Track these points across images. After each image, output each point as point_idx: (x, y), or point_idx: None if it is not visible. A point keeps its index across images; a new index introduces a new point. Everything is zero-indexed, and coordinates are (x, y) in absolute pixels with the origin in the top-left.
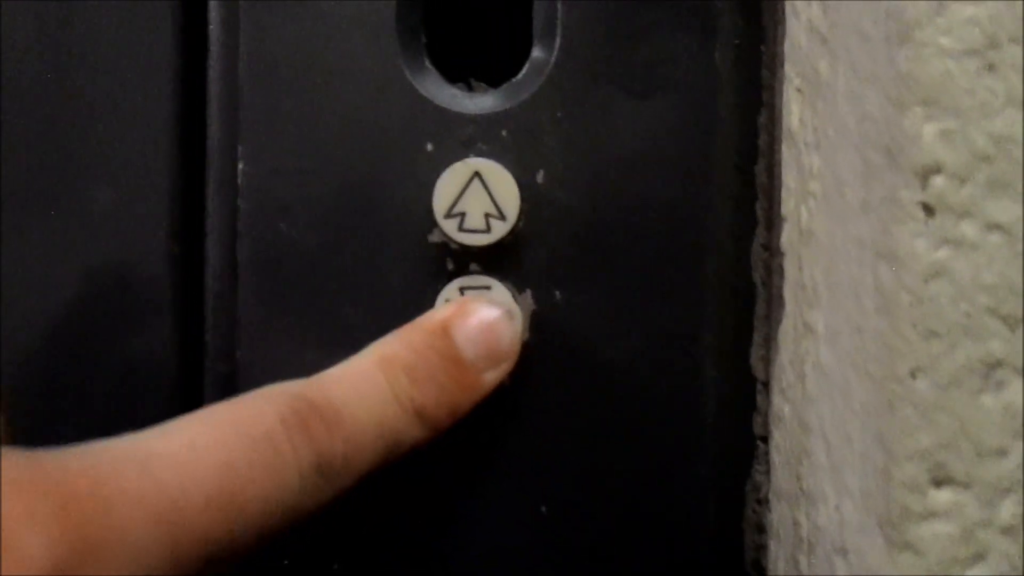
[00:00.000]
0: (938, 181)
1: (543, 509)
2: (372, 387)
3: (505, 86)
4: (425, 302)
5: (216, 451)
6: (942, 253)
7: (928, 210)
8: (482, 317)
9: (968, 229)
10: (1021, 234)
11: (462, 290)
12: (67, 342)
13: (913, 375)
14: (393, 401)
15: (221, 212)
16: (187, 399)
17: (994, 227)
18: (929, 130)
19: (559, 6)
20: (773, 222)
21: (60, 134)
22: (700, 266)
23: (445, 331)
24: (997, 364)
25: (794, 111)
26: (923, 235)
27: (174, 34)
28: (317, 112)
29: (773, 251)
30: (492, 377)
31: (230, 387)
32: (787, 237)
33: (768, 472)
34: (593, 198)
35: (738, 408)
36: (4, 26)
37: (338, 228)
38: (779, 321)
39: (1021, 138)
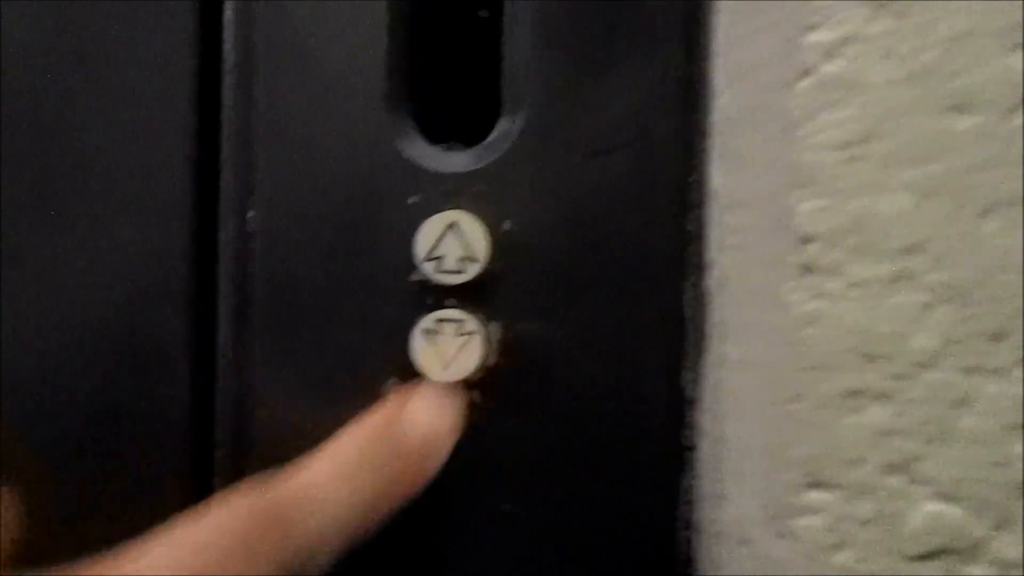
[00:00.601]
0: (813, 248)
1: (506, 507)
2: (330, 485)
3: (477, 147)
4: (408, 330)
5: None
6: (816, 304)
7: (806, 270)
8: (421, 409)
9: (835, 285)
10: (876, 290)
11: (439, 321)
12: (84, 371)
13: (793, 400)
14: (348, 496)
15: (233, 250)
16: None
17: (855, 284)
18: (806, 207)
19: (524, 81)
20: (702, 268)
21: (78, 186)
22: (641, 303)
23: (389, 425)
24: (857, 392)
25: (716, 176)
26: (802, 290)
27: (192, 98)
28: (318, 168)
29: (700, 292)
30: (437, 460)
31: (242, 407)
32: (711, 281)
33: (695, 477)
34: (552, 244)
35: (672, 422)
36: (28, 65)
37: (335, 267)
38: (704, 351)
39: (875, 215)
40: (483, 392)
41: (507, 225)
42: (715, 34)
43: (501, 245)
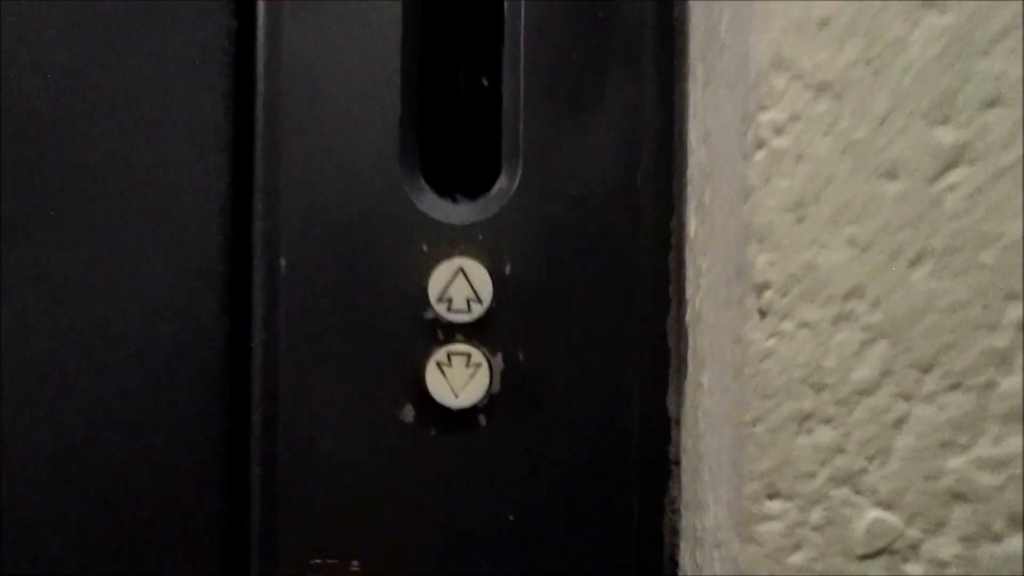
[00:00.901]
0: (768, 294)
1: (511, 517)
2: None
3: (480, 200)
4: (423, 363)
5: None
6: (771, 342)
7: (762, 313)
8: None
9: (787, 326)
10: (821, 329)
11: (450, 355)
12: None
13: (753, 423)
14: None
15: (264, 292)
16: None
17: (804, 325)
18: (761, 259)
19: (519, 141)
20: (681, 303)
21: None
22: (629, 334)
23: None
24: (808, 416)
25: (691, 223)
26: (759, 329)
27: (226, 161)
28: (340, 220)
29: (680, 325)
30: None
31: (273, 430)
32: (689, 316)
33: (679, 488)
34: (548, 285)
35: (658, 440)
36: (62, 112)
37: (357, 307)
38: (684, 377)
39: (820, 266)
40: (488, 417)
41: (508, 269)
42: (689, 100)
43: (503, 287)
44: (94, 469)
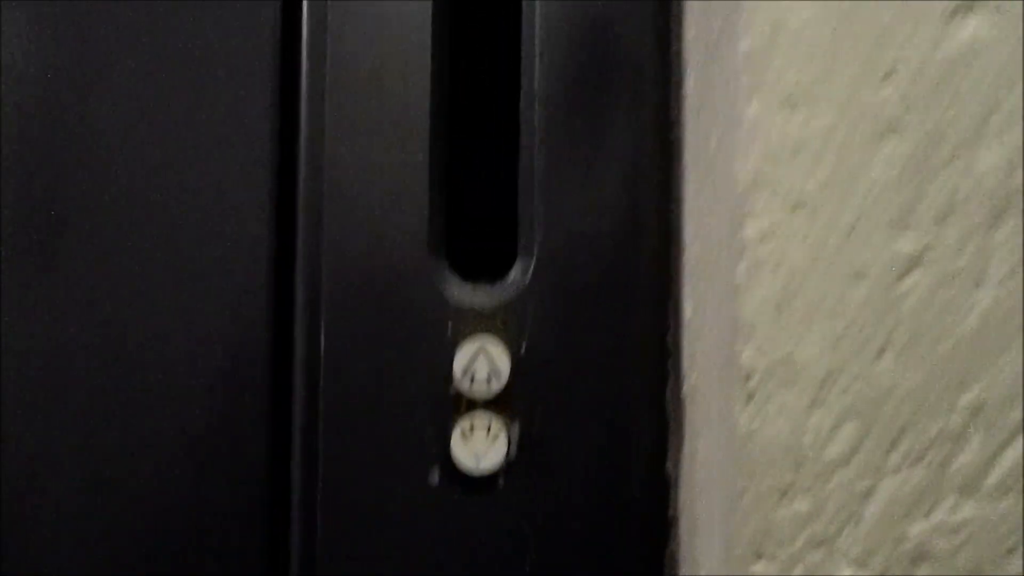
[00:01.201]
0: (752, 381)
1: (527, 569)
2: None
3: (499, 284)
4: (448, 431)
5: None
6: (755, 423)
7: (747, 398)
8: None
9: (770, 409)
10: (799, 412)
11: (473, 424)
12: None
13: (740, 493)
14: None
15: (305, 367)
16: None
17: (783, 408)
18: (747, 351)
19: (534, 233)
20: (679, 376)
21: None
22: (632, 404)
23: None
24: (788, 487)
25: (687, 308)
26: (745, 412)
27: (268, 279)
28: (377, 302)
29: (678, 396)
30: None
31: (313, 490)
32: (685, 390)
33: (677, 544)
34: (559, 361)
35: (658, 499)
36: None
37: (389, 381)
38: (682, 444)
39: (797, 357)
40: (506, 479)
41: (523, 348)
42: (684, 205)
43: (519, 363)
44: (142, 539)
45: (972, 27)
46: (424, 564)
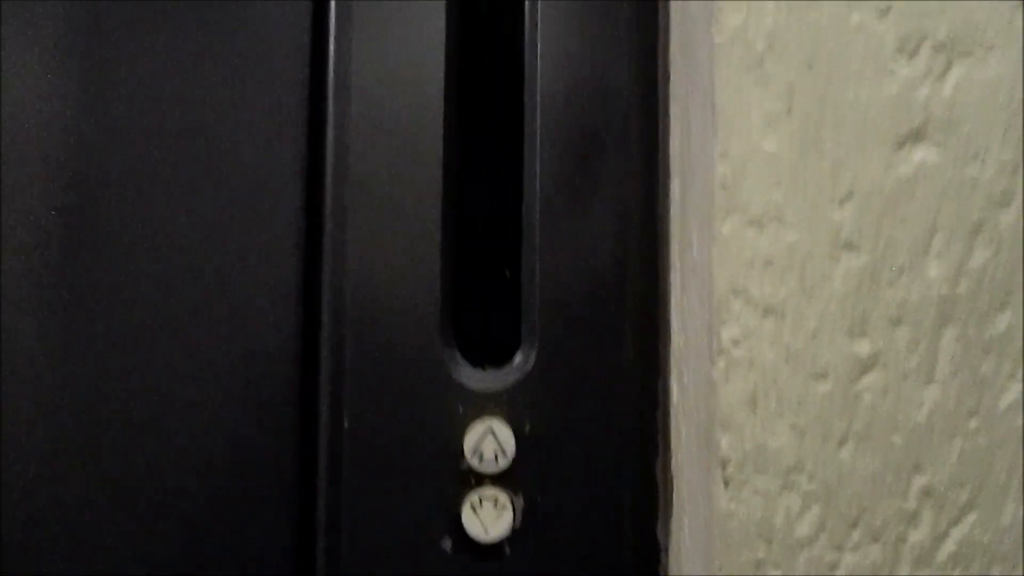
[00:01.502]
0: (730, 467)
1: None
2: None
3: (505, 369)
4: (459, 504)
5: None
6: (732, 505)
7: (725, 482)
8: None
9: (745, 493)
10: (770, 496)
11: (481, 498)
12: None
13: (720, 567)
14: None
15: (329, 452)
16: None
17: (757, 492)
18: (724, 440)
19: (535, 323)
20: (668, 449)
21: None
22: (625, 476)
23: None
24: (761, 562)
25: (675, 391)
26: (723, 495)
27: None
28: (395, 386)
29: (667, 469)
30: None
31: (335, 556)
32: (674, 465)
33: None
34: (560, 439)
35: (649, 565)
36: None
37: (405, 458)
38: (670, 515)
39: (769, 446)
40: (512, 547)
41: (527, 428)
42: (671, 307)
43: (524, 441)
44: None
45: (919, 155)
46: None
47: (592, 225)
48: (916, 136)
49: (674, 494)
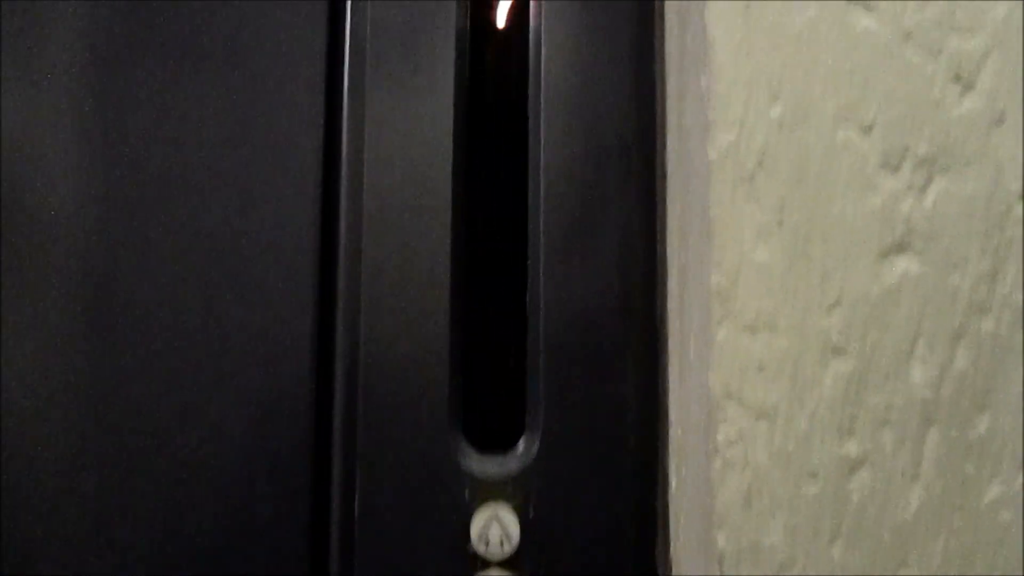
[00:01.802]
0: (725, 563)
1: None
2: None
3: (510, 455)
4: None
5: None
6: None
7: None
8: None
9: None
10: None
11: None
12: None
13: None
14: None
15: (344, 530)
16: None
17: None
18: (720, 537)
19: (538, 413)
20: (667, 534)
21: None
22: (626, 563)
23: None
24: None
25: (673, 481)
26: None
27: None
28: (406, 476)
29: (666, 558)
30: None
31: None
32: (673, 553)
33: None
34: (563, 524)
35: None
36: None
37: (419, 541)
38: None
39: (763, 543)
40: None
41: (532, 513)
42: (669, 395)
43: (529, 527)
44: None
45: (903, 264)
46: None
47: (594, 319)
48: (900, 247)
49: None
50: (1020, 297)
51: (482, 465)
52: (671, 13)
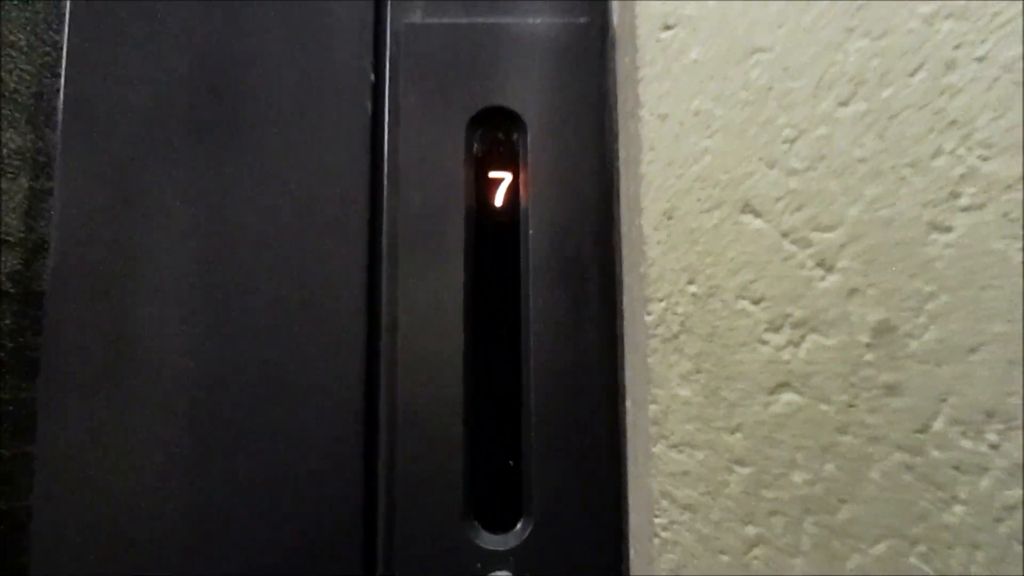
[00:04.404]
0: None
1: None
2: None
3: (512, 533)
4: None
5: None
6: None
7: None
8: None
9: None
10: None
11: None
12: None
13: None
14: None
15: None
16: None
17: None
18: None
19: (534, 498)
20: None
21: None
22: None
23: None
24: None
25: (632, 557)
26: None
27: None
28: (429, 553)
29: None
30: None
31: None
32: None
33: None
34: None
35: None
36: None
37: None
38: None
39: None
40: None
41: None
42: (625, 502)
43: None
44: None
45: (786, 398)
46: None
47: (573, 434)
48: (783, 385)
49: None
50: (873, 421)
51: (489, 541)
52: (624, 210)
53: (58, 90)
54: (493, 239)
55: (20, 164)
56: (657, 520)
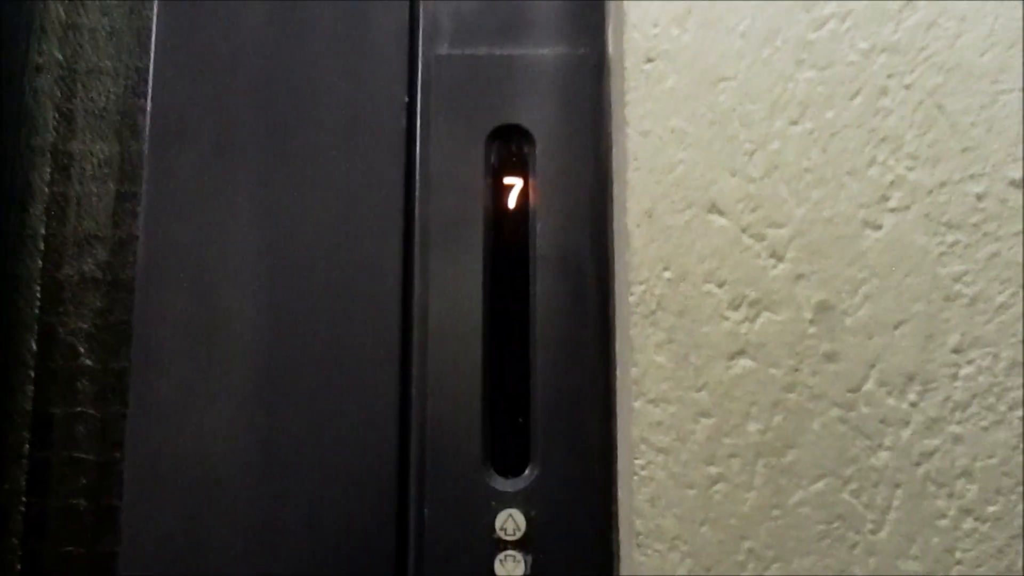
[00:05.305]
0: (640, 536)
1: None
2: None
3: (520, 477)
4: (492, 559)
5: None
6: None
7: (637, 537)
8: None
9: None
10: (664, 552)
11: (505, 556)
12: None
13: None
14: None
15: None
16: None
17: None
18: (639, 524)
19: (539, 449)
20: (617, 523)
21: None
22: (595, 548)
23: None
24: None
25: (621, 495)
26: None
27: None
28: (455, 491)
29: (616, 538)
30: None
31: None
32: (622, 532)
33: None
34: (555, 522)
35: None
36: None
37: (464, 532)
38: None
39: (658, 526)
40: None
41: (534, 514)
42: (615, 440)
43: (532, 523)
44: None
45: (742, 363)
46: None
47: (572, 394)
48: (740, 352)
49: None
50: (815, 382)
51: (502, 484)
52: (614, 210)
53: (141, 108)
54: (507, 235)
55: (108, 172)
56: (637, 461)
